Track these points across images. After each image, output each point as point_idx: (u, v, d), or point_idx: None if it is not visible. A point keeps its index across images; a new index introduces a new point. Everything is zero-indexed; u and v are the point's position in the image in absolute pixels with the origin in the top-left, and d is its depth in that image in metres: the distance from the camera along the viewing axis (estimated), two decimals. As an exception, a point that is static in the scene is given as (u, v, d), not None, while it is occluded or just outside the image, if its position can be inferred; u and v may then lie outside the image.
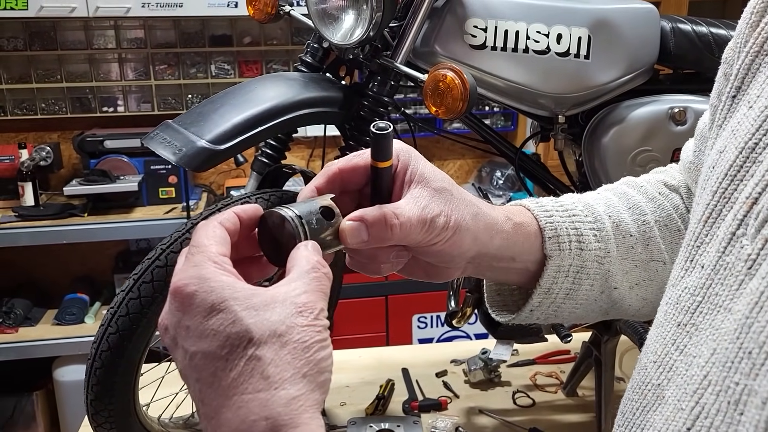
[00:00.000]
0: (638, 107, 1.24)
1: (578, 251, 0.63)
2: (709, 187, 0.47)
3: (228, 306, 0.43)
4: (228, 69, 3.02)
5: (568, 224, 0.63)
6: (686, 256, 0.47)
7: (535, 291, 0.63)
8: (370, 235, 0.52)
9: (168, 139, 0.99)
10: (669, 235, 0.68)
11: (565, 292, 0.64)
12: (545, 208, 0.64)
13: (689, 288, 0.45)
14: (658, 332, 0.47)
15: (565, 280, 0.63)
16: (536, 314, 0.65)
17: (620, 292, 0.66)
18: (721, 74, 0.54)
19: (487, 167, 3.34)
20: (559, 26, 1.17)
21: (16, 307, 2.73)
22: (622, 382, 1.46)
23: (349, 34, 1.11)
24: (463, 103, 1.01)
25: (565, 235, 0.63)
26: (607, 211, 0.67)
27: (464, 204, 0.57)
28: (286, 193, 1.16)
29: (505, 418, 1.33)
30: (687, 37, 1.26)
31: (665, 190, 0.71)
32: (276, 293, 0.45)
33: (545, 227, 0.62)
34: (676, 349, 0.44)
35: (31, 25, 2.83)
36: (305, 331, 0.43)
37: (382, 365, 1.54)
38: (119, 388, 0.99)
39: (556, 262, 0.62)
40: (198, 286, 0.44)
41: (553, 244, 0.62)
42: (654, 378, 0.46)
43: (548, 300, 0.64)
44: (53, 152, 2.78)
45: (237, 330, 0.43)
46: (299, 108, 1.07)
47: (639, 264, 0.66)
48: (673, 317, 0.46)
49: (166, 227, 2.62)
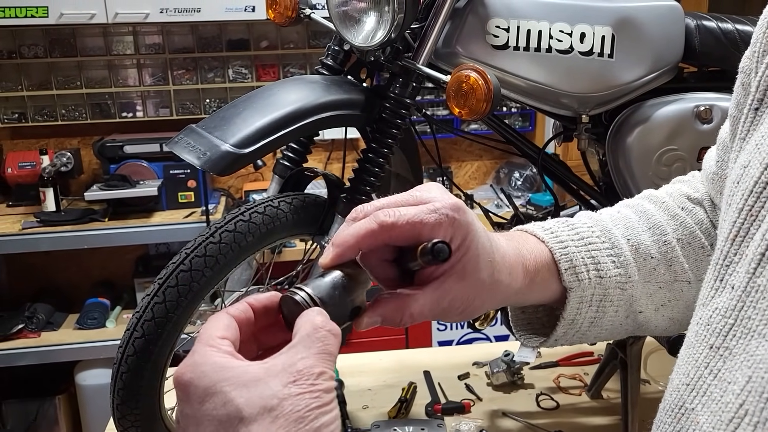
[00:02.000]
0: (663, 106, 1.23)
1: (598, 279, 0.62)
2: (735, 203, 0.46)
3: (219, 388, 0.43)
4: (245, 73, 3.03)
5: (584, 253, 0.62)
6: (715, 275, 0.46)
7: (559, 323, 0.62)
8: (384, 323, 0.54)
9: (192, 144, 0.99)
10: (693, 253, 0.67)
11: (590, 321, 0.63)
12: (560, 238, 0.63)
13: (720, 309, 0.44)
14: (689, 353, 0.46)
15: (588, 310, 0.62)
16: (561, 342, 0.65)
17: (646, 315, 0.65)
18: (739, 84, 0.53)
19: (505, 168, 3.33)
20: (582, 25, 1.16)
21: (39, 312, 2.75)
22: (648, 384, 1.45)
23: (371, 36, 1.11)
24: (486, 104, 1.00)
25: (581, 265, 0.62)
26: (625, 234, 0.65)
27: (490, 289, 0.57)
28: (308, 196, 1.16)
29: (530, 420, 1.32)
30: (712, 35, 1.24)
31: (688, 204, 0.69)
32: (272, 365, 0.44)
33: (560, 260, 0.61)
34: (710, 373, 0.43)
35: (51, 32, 2.86)
36: (299, 400, 0.42)
37: (403, 368, 1.53)
38: (145, 392, 1.00)
39: (577, 294, 0.61)
40: (192, 373, 0.44)
41: (571, 275, 0.61)
42: (687, 401, 0.45)
43: (572, 330, 0.63)
44: (74, 158, 2.80)
45: (228, 411, 0.42)
46: (322, 111, 1.07)
47: (663, 285, 0.65)
48: (705, 339, 0.45)
49: (185, 231, 2.63)
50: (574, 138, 1.30)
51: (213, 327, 0.47)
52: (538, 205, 2.90)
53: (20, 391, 2.84)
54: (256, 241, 1.04)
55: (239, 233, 1.02)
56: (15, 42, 2.84)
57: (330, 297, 0.50)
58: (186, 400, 0.44)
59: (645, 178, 1.22)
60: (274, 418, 0.42)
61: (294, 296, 0.49)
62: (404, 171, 1.35)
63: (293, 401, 0.42)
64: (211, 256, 0.99)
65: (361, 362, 1.57)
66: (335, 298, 0.50)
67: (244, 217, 1.04)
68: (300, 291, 0.50)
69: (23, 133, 3.01)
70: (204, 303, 1.05)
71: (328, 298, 0.50)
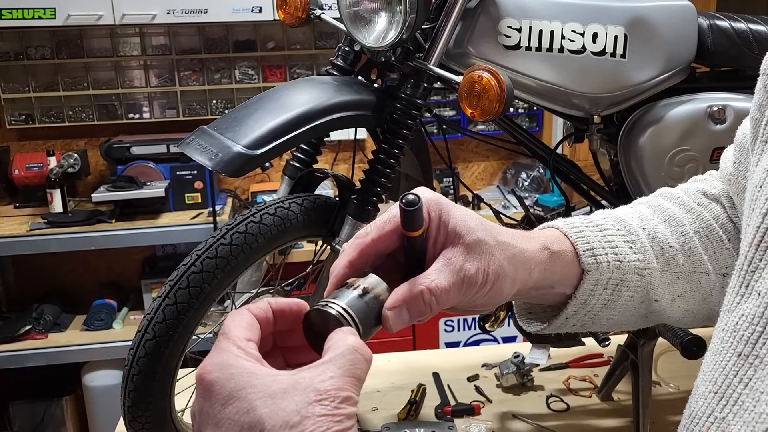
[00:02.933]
0: (676, 106, 1.22)
1: (617, 263, 0.61)
2: (758, 208, 0.45)
3: (245, 395, 0.43)
4: (252, 74, 3.03)
5: (600, 238, 0.62)
6: (740, 281, 0.46)
7: (570, 302, 0.61)
8: (411, 315, 0.52)
9: (204, 145, 0.99)
10: (711, 246, 0.66)
11: (603, 303, 0.62)
12: (574, 225, 0.63)
13: (747, 316, 0.44)
14: (715, 360, 0.46)
15: (603, 292, 0.62)
16: (571, 322, 0.63)
17: (661, 305, 0.64)
18: (761, 86, 0.52)
19: (512, 169, 3.32)
20: (594, 25, 1.15)
21: (46, 313, 2.76)
22: (659, 386, 1.44)
23: (382, 36, 1.10)
24: (499, 105, 1.00)
25: (599, 248, 0.61)
26: (641, 224, 0.65)
27: (500, 249, 0.55)
28: (319, 198, 1.15)
29: (540, 422, 1.31)
30: (725, 34, 1.23)
31: (704, 200, 0.69)
32: (299, 378, 0.44)
33: (577, 242, 0.61)
34: (740, 382, 0.43)
35: (58, 33, 2.86)
36: (321, 422, 0.42)
37: (412, 369, 1.53)
38: (156, 394, 0.99)
39: (594, 276, 0.61)
40: (219, 373, 0.44)
41: (589, 257, 0.60)
42: (717, 410, 0.44)
43: (584, 310, 0.62)
44: (81, 159, 2.81)
45: (250, 419, 0.42)
46: (333, 112, 1.06)
47: (681, 276, 0.64)
48: (732, 346, 0.44)
49: (192, 233, 2.63)
50: (585, 139, 1.29)
51: (237, 326, 0.47)
52: (546, 206, 2.89)
53: (27, 392, 2.84)
54: (266, 243, 1.03)
55: (250, 235, 1.02)
56: (22, 43, 2.85)
57: (363, 313, 0.50)
58: (208, 398, 0.44)
59: (657, 179, 1.21)
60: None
61: (329, 310, 0.49)
62: (414, 172, 1.35)
63: (315, 421, 0.42)
64: (222, 258, 0.99)
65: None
66: (367, 314, 0.50)
67: (255, 218, 1.03)
68: (335, 305, 0.49)
69: (30, 134, 3.01)
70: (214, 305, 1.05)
71: (362, 316, 0.50)
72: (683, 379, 1.43)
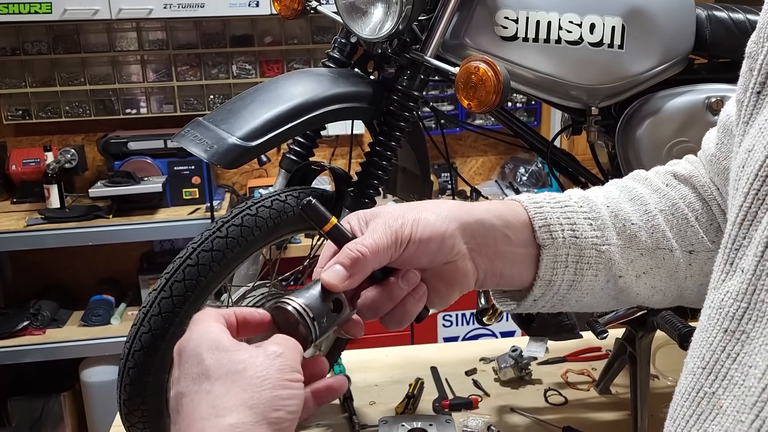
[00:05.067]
0: (674, 97, 1.22)
1: (573, 239, 0.63)
2: (741, 188, 0.46)
3: (198, 351, 0.49)
4: (249, 69, 3.02)
5: (560, 214, 0.63)
6: (725, 258, 0.47)
7: (535, 283, 0.63)
8: (350, 270, 0.55)
9: (199, 137, 0.98)
10: (676, 224, 0.67)
11: (568, 284, 0.63)
12: (536, 200, 0.64)
13: (731, 293, 0.45)
14: (703, 336, 0.47)
15: (565, 271, 0.63)
16: (540, 304, 0.65)
17: (626, 281, 0.65)
18: (746, 69, 0.53)
19: (510, 163, 3.32)
20: (592, 16, 1.14)
21: (43, 309, 2.75)
22: (657, 379, 1.44)
23: (378, 27, 1.09)
24: (496, 96, 0.99)
25: (556, 224, 0.62)
26: (605, 202, 0.66)
27: (422, 206, 0.59)
28: (315, 191, 1.15)
29: (538, 416, 1.31)
30: (723, 25, 1.23)
31: (673, 181, 0.70)
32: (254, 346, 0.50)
33: (534, 217, 0.62)
34: (728, 357, 0.44)
35: (55, 28, 2.85)
36: (265, 369, 0.47)
37: (410, 364, 1.53)
38: (152, 387, 0.99)
39: (550, 252, 0.62)
40: (184, 341, 0.50)
41: (545, 233, 0.62)
42: (706, 385, 0.45)
43: (551, 291, 0.64)
44: (78, 155, 2.80)
45: (199, 370, 0.48)
46: (329, 104, 1.06)
47: (645, 252, 0.65)
48: (718, 322, 0.45)
49: (190, 228, 2.62)
50: (583, 131, 1.29)
51: (203, 316, 0.53)
52: (544, 201, 2.88)
53: (25, 389, 2.84)
54: (263, 236, 1.03)
55: (246, 227, 1.01)
56: (19, 38, 2.84)
57: (318, 307, 0.54)
58: (176, 364, 0.50)
59: (655, 171, 1.21)
60: (234, 380, 0.47)
61: (286, 306, 0.53)
62: (411, 165, 1.34)
63: (259, 369, 0.47)
64: (218, 251, 0.98)
65: (367, 358, 1.57)
66: (323, 307, 0.54)
67: (251, 211, 1.03)
68: (292, 301, 0.54)
69: (27, 129, 3.01)
70: (210, 299, 1.04)
71: (317, 308, 0.54)
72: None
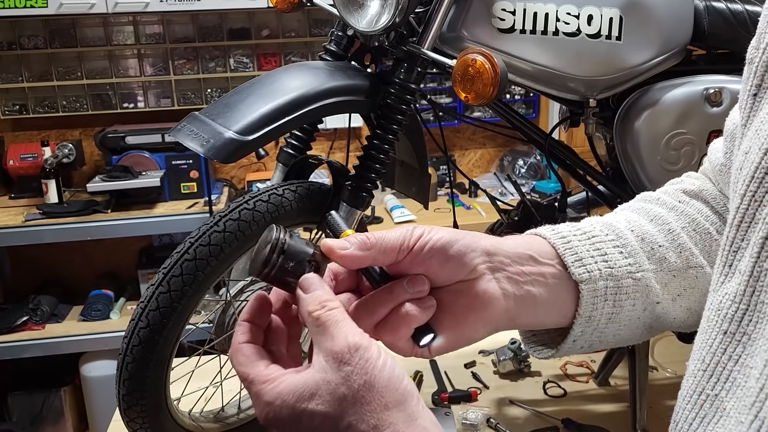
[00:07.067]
0: (672, 89, 1.21)
1: (608, 271, 0.60)
2: (738, 189, 0.46)
3: (300, 409, 0.48)
4: (247, 62, 3.01)
5: (588, 246, 0.61)
6: (723, 261, 0.47)
7: (576, 320, 0.60)
8: (351, 245, 0.53)
9: (195, 131, 0.98)
10: (700, 240, 0.65)
11: (608, 317, 0.61)
12: (560, 233, 0.62)
13: (729, 294, 0.45)
14: (703, 339, 0.47)
15: (605, 305, 0.60)
16: (579, 344, 0.62)
17: (663, 306, 0.63)
18: (748, 75, 0.52)
19: (508, 156, 3.31)
20: (589, 7, 1.14)
21: (43, 304, 2.75)
22: (655, 371, 1.44)
23: (375, 20, 1.09)
24: (493, 88, 0.99)
25: (588, 257, 0.60)
26: (628, 226, 0.64)
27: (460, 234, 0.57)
28: (313, 184, 1.14)
29: (537, 408, 1.31)
30: (721, 16, 1.22)
31: (684, 197, 0.68)
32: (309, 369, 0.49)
33: (564, 254, 0.59)
34: (729, 359, 0.43)
35: (51, 22, 2.84)
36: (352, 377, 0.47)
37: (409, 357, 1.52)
38: (151, 382, 0.99)
39: (589, 286, 0.59)
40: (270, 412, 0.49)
41: (579, 267, 0.59)
42: (708, 388, 0.45)
43: (590, 327, 0.61)
44: (75, 149, 2.80)
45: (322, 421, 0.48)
46: (326, 97, 1.05)
47: (677, 274, 0.63)
48: (717, 324, 0.45)
49: (188, 222, 2.62)
50: (581, 123, 1.28)
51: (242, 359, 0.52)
52: (543, 193, 2.88)
53: (26, 384, 2.84)
54: (260, 230, 1.02)
55: (244, 222, 1.01)
56: (15, 33, 2.83)
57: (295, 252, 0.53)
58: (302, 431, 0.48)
59: (653, 163, 1.21)
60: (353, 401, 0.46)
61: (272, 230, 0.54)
62: (409, 158, 1.34)
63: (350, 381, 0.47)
64: (215, 245, 0.98)
65: (366, 352, 1.56)
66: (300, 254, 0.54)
67: (249, 205, 1.02)
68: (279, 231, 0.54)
69: (24, 124, 3.00)
70: (209, 293, 1.04)
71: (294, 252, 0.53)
72: (680, 363, 1.43)
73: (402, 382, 0.47)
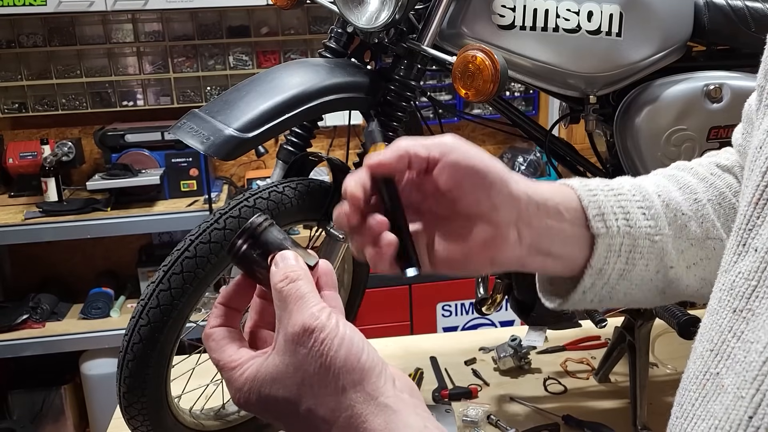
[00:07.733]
0: (672, 85, 1.21)
1: (627, 229, 0.61)
2: (757, 168, 0.45)
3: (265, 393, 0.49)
4: (246, 60, 3.01)
5: (614, 202, 0.62)
6: (738, 240, 0.46)
7: (587, 271, 0.61)
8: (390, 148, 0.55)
9: (195, 129, 0.97)
10: (723, 213, 0.66)
11: (619, 273, 0.62)
12: (589, 187, 0.63)
13: (743, 273, 0.44)
14: (712, 319, 0.46)
15: (617, 260, 0.61)
16: (589, 297, 0.63)
17: (677, 272, 0.64)
18: (766, 54, 0.52)
19: (508, 153, 3.31)
20: (589, 3, 1.13)
21: (43, 302, 2.75)
22: (656, 367, 1.44)
23: (375, 17, 1.09)
24: (493, 85, 0.98)
25: (610, 213, 0.61)
26: (656, 190, 0.65)
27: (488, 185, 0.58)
28: (313, 182, 1.14)
29: (537, 405, 1.31)
30: (721, 12, 1.22)
31: (717, 170, 0.69)
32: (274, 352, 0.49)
33: (588, 206, 0.61)
34: (733, 336, 0.42)
35: (50, 20, 2.83)
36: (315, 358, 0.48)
37: (409, 354, 1.53)
38: (151, 380, 0.99)
39: (605, 241, 0.60)
40: (245, 397, 0.49)
41: (599, 221, 0.60)
42: (711, 367, 0.44)
43: (601, 281, 0.62)
44: (75, 147, 2.79)
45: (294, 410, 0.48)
46: (326, 94, 1.05)
47: (695, 243, 0.64)
48: (728, 303, 0.44)
49: (188, 220, 2.62)
50: (581, 119, 1.28)
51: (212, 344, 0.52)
52: (543, 190, 2.87)
53: (26, 382, 2.84)
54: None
55: (244, 219, 1.01)
56: (14, 31, 2.82)
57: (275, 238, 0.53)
58: (270, 415, 0.49)
59: (654, 159, 1.20)
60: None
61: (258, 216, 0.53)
62: (409, 155, 1.34)
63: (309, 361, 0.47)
64: (215, 243, 0.98)
65: (367, 348, 1.57)
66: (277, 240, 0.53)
67: (249, 203, 1.02)
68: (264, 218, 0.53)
69: (24, 123, 2.99)
70: (209, 291, 1.04)
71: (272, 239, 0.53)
72: (680, 360, 1.43)
73: (360, 359, 0.46)
